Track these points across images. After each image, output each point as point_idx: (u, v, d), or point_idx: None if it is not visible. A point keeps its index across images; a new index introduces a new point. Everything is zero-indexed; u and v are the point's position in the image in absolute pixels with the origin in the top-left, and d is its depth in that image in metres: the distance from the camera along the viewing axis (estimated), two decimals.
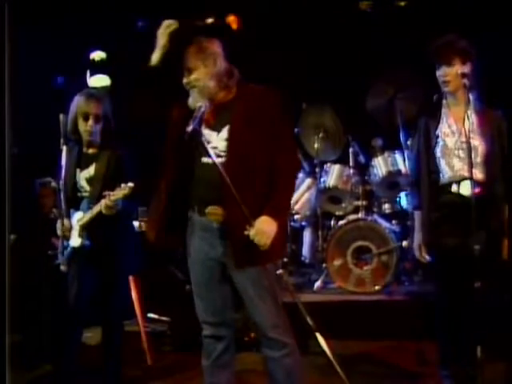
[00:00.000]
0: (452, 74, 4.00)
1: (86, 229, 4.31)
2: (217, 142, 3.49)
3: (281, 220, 3.47)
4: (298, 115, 6.80)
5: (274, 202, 3.44)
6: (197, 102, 3.51)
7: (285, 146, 3.55)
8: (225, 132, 3.48)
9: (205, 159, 3.48)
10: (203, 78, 3.50)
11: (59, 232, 4.32)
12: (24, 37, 6.31)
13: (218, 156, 3.46)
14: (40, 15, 6.91)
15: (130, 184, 4.06)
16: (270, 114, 3.50)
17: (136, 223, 5.95)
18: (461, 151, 3.98)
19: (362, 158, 6.71)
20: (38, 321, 5.48)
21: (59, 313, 4.51)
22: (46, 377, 4.97)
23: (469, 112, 4.00)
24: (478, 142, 4.00)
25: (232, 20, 7.64)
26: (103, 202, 4.13)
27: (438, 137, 4.08)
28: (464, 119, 3.94)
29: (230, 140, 3.46)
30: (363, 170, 6.70)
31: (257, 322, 3.54)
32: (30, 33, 6.71)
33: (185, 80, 3.55)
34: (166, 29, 3.55)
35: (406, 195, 6.42)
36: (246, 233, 3.37)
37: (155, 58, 3.60)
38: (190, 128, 3.41)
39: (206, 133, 3.52)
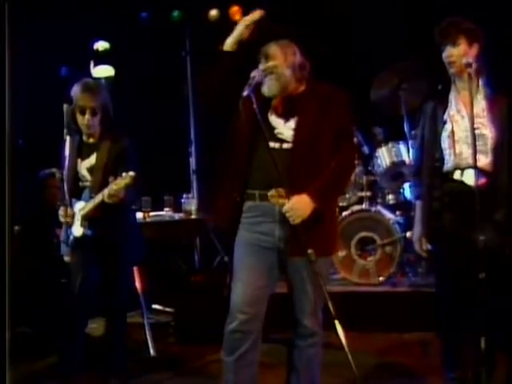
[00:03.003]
0: (457, 54, 3.88)
1: (88, 218, 4.31)
2: (283, 129, 3.55)
3: (322, 207, 3.48)
4: None
5: (317, 184, 3.47)
6: (272, 90, 3.56)
7: (346, 147, 3.62)
8: (292, 122, 3.55)
9: (272, 144, 3.51)
10: (281, 65, 3.55)
11: (62, 220, 4.33)
12: (28, 27, 6.31)
13: (284, 143, 3.53)
14: (44, 5, 6.90)
15: (131, 173, 4.04)
16: (338, 113, 3.57)
17: (139, 214, 5.95)
18: (470, 137, 3.81)
19: (365, 149, 6.69)
20: (43, 312, 5.50)
21: (63, 303, 4.51)
22: (51, 368, 4.98)
23: (478, 97, 3.91)
24: (487, 129, 3.88)
25: (235, 11, 7.66)
26: (106, 190, 4.12)
27: (445, 122, 3.95)
28: (474, 105, 3.84)
29: (297, 131, 3.52)
30: (367, 160, 6.69)
31: (297, 307, 3.59)
32: (34, 23, 6.71)
33: (262, 66, 3.58)
34: (252, 20, 3.59)
35: (410, 186, 6.40)
36: (279, 207, 3.43)
37: (230, 43, 3.62)
38: (245, 93, 3.45)
39: (273, 119, 3.58)
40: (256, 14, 3.61)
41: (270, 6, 6.95)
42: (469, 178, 3.83)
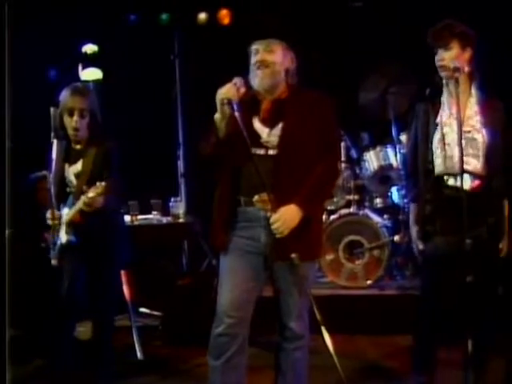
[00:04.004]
0: (449, 57, 3.87)
1: (72, 225, 4.30)
2: (268, 137, 3.54)
3: (309, 215, 3.49)
4: None
5: (303, 193, 3.47)
6: (263, 83, 3.55)
7: (330, 152, 3.63)
8: (278, 129, 3.54)
9: (256, 150, 3.51)
10: (279, 63, 3.56)
11: (49, 223, 4.32)
12: (17, 30, 6.29)
13: (269, 149, 3.53)
14: (32, 8, 6.88)
15: (103, 183, 4.04)
16: (323, 119, 3.58)
17: (127, 217, 5.94)
18: (463, 141, 3.77)
19: (353, 153, 6.71)
20: (31, 315, 5.48)
21: (51, 307, 4.51)
22: (39, 371, 4.97)
23: (471, 100, 3.93)
24: (479, 133, 3.88)
25: (224, 15, 7.67)
26: (82, 199, 4.12)
27: (437, 125, 3.94)
28: (466, 108, 3.88)
29: (283, 137, 3.52)
30: (355, 164, 6.70)
31: (284, 310, 3.60)
32: (22, 26, 6.69)
33: (259, 57, 3.57)
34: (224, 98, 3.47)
35: (398, 190, 6.43)
36: (268, 214, 3.44)
37: (218, 122, 3.53)
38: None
39: (259, 127, 3.57)
40: (228, 91, 3.48)
41: (261, 9, 7.02)
42: (462, 182, 3.77)
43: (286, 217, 3.43)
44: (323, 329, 3.45)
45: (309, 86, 3.73)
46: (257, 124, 3.57)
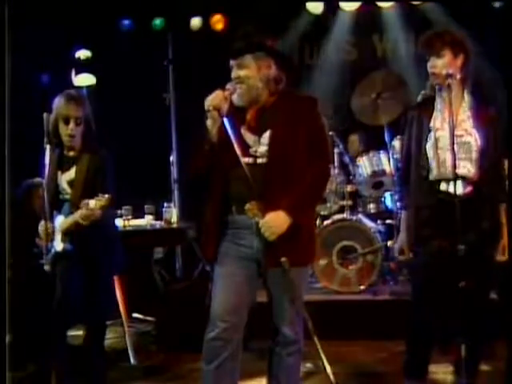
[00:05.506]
0: (441, 65, 3.88)
1: (68, 234, 4.29)
2: (257, 145, 3.53)
3: (299, 220, 3.48)
4: None
5: (291, 198, 3.46)
6: (240, 100, 3.54)
7: (319, 154, 3.60)
8: (266, 137, 3.53)
9: (246, 159, 3.50)
10: (254, 77, 3.52)
11: (41, 235, 4.30)
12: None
13: (258, 158, 3.52)
14: (26, 13, 6.88)
15: (107, 195, 4.04)
16: (309, 120, 3.56)
17: (120, 222, 5.93)
18: (455, 146, 3.78)
19: (346, 158, 6.72)
20: (23, 321, 5.47)
21: (44, 313, 4.49)
22: (31, 377, 4.95)
23: (464, 105, 3.93)
24: (472, 138, 3.89)
25: (217, 20, 7.68)
26: (80, 212, 4.10)
27: (430, 130, 3.94)
28: (458, 112, 3.89)
29: (272, 145, 3.51)
30: (348, 169, 6.72)
31: (277, 315, 3.60)
32: (15, 31, 6.69)
33: (234, 74, 3.55)
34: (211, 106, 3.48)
35: (391, 195, 6.44)
36: (256, 219, 3.44)
37: (211, 132, 3.52)
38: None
39: (247, 136, 3.56)
40: (214, 99, 3.49)
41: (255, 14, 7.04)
42: (455, 187, 3.78)
43: (273, 223, 3.43)
44: (315, 337, 3.46)
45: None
46: (245, 133, 3.57)
